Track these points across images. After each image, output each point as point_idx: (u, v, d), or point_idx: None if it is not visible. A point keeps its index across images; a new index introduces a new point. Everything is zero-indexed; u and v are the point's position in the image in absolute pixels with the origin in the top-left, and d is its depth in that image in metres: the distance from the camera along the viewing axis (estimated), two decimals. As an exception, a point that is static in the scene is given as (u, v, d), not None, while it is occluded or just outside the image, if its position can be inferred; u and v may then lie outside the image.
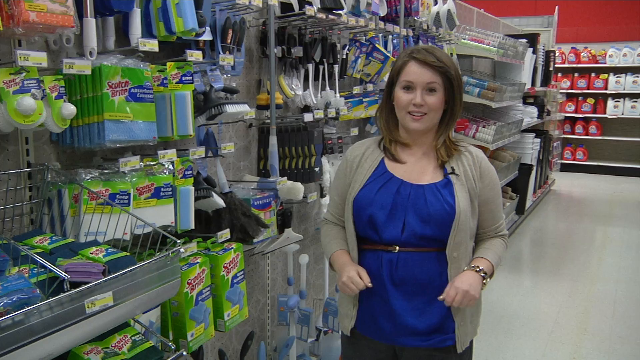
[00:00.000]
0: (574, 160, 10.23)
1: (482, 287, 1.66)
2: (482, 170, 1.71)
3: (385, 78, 2.08)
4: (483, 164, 1.72)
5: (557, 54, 8.95)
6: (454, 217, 1.63)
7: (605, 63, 9.77)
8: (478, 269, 1.66)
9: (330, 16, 2.65)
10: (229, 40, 2.12)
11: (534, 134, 6.89)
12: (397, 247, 1.66)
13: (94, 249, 1.41)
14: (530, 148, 6.75)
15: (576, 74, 10.06)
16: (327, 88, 2.87)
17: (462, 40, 4.83)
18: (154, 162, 1.79)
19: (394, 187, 1.68)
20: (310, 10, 2.49)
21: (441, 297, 1.63)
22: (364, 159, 1.77)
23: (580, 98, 10.09)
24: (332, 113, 2.79)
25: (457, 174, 1.68)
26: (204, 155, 2.03)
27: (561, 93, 9.48)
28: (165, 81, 1.81)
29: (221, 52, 2.09)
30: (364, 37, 3.18)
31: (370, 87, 3.28)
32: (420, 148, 1.73)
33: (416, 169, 1.71)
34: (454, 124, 1.73)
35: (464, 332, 1.71)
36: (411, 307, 1.68)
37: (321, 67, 2.83)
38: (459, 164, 1.70)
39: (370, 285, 1.67)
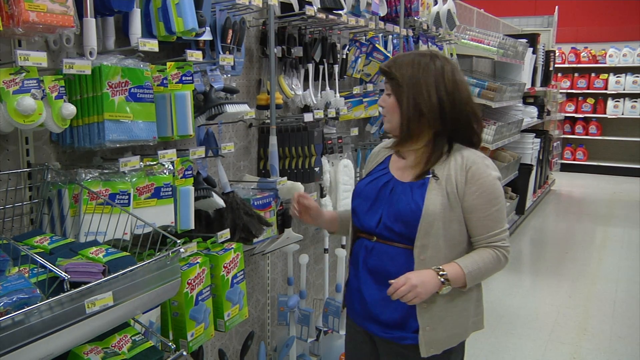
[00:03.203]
0: (574, 160, 10.23)
1: (439, 291, 1.62)
2: (470, 175, 1.65)
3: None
4: (473, 170, 1.65)
5: (557, 54, 8.95)
6: (419, 218, 1.63)
7: (605, 63, 9.77)
8: (441, 273, 1.61)
9: (330, 16, 2.65)
10: (229, 40, 2.12)
11: (534, 134, 6.90)
12: (375, 237, 1.73)
13: (94, 249, 1.41)
14: (530, 148, 6.75)
15: (576, 74, 10.06)
16: (327, 88, 2.87)
17: (462, 40, 4.83)
18: (154, 162, 1.79)
19: (382, 181, 1.76)
20: (310, 10, 2.49)
21: (391, 281, 1.61)
22: (377, 155, 1.88)
23: (580, 98, 10.09)
24: (332, 113, 2.79)
25: (437, 177, 1.66)
26: (204, 155, 2.03)
27: (561, 93, 9.48)
28: (165, 81, 1.81)
29: (221, 52, 2.09)
30: (364, 37, 3.18)
31: (370, 87, 3.28)
32: (416, 151, 1.74)
33: (409, 168, 1.74)
34: (418, 131, 1.67)
35: (432, 338, 1.68)
36: (379, 297, 1.72)
37: (321, 67, 2.83)
38: (444, 167, 1.67)
39: (303, 196, 1.87)
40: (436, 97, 1.64)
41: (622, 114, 9.70)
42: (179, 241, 1.53)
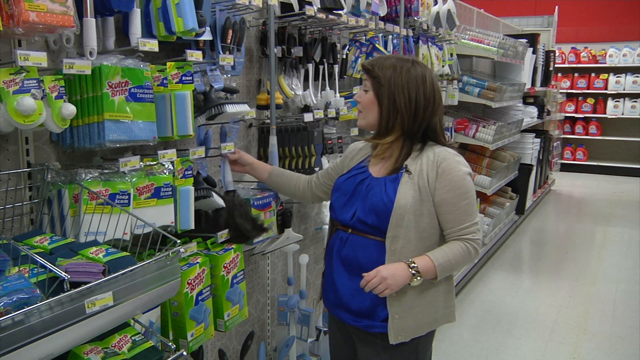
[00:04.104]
0: (574, 160, 10.23)
1: (410, 283, 1.71)
2: (440, 171, 1.75)
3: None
4: (443, 166, 1.75)
5: (557, 54, 8.95)
6: (391, 210, 1.72)
7: (605, 63, 9.77)
8: (411, 265, 1.70)
9: (330, 16, 2.65)
10: (229, 40, 2.11)
11: (534, 134, 6.90)
12: (350, 229, 1.83)
13: (94, 249, 1.41)
14: (530, 148, 6.75)
15: (576, 74, 10.07)
16: (327, 88, 2.87)
17: (462, 40, 4.83)
18: (154, 162, 1.79)
19: (359, 178, 1.86)
20: (310, 10, 2.49)
21: (364, 274, 1.72)
22: (358, 152, 1.98)
23: (580, 98, 10.09)
24: (332, 113, 2.79)
25: (410, 172, 1.76)
26: (204, 155, 2.03)
27: (561, 93, 9.48)
28: (165, 81, 1.81)
29: (221, 52, 2.09)
30: (364, 37, 3.18)
31: (370, 87, 3.27)
32: (393, 150, 1.83)
33: (384, 165, 1.84)
34: (392, 127, 1.78)
35: (400, 327, 1.77)
36: (350, 286, 1.82)
37: (321, 67, 2.83)
38: (416, 162, 1.78)
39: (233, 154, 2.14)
40: (414, 99, 1.75)
41: (622, 114, 9.70)
42: (178, 241, 1.53)
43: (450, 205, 1.75)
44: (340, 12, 2.72)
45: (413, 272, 1.70)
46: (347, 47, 3.07)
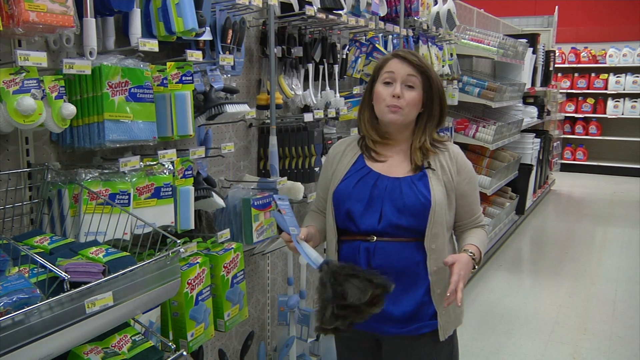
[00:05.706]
0: (574, 160, 10.22)
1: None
2: (458, 165, 1.78)
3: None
4: (459, 159, 1.79)
5: (557, 54, 8.95)
6: (429, 209, 1.68)
7: (605, 63, 9.77)
8: (473, 257, 1.70)
9: (330, 16, 2.65)
10: (229, 40, 2.12)
11: (534, 134, 6.89)
12: (375, 237, 1.71)
13: (94, 249, 1.41)
14: (530, 148, 6.75)
15: (576, 74, 10.06)
16: (327, 88, 2.87)
17: (462, 40, 4.83)
18: (154, 162, 1.79)
19: (372, 181, 1.74)
20: (310, 10, 2.49)
21: (450, 298, 1.58)
22: (344, 155, 1.84)
23: (580, 98, 10.09)
24: (332, 113, 2.79)
25: (433, 168, 1.75)
26: (204, 155, 2.03)
27: (561, 93, 9.48)
28: (165, 81, 1.81)
29: (221, 52, 2.09)
30: (364, 37, 3.18)
31: (370, 87, 3.27)
32: (398, 147, 1.79)
33: (394, 164, 1.77)
34: (432, 129, 1.79)
35: (447, 321, 1.76)
36: (390, 294, 1.69)
37: (321, 67, 2.83)
38: (435, 159, 1.77)
39: (292, 232, 1.63)
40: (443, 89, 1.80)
41: (622, 114, 9.70)
42: (179, 241, 1.53)
43: (469, 197, 1.80)
44: (340, 12, 2.72)
45: (475, 262, 1.71)
46: (347, 47, 3.07)
